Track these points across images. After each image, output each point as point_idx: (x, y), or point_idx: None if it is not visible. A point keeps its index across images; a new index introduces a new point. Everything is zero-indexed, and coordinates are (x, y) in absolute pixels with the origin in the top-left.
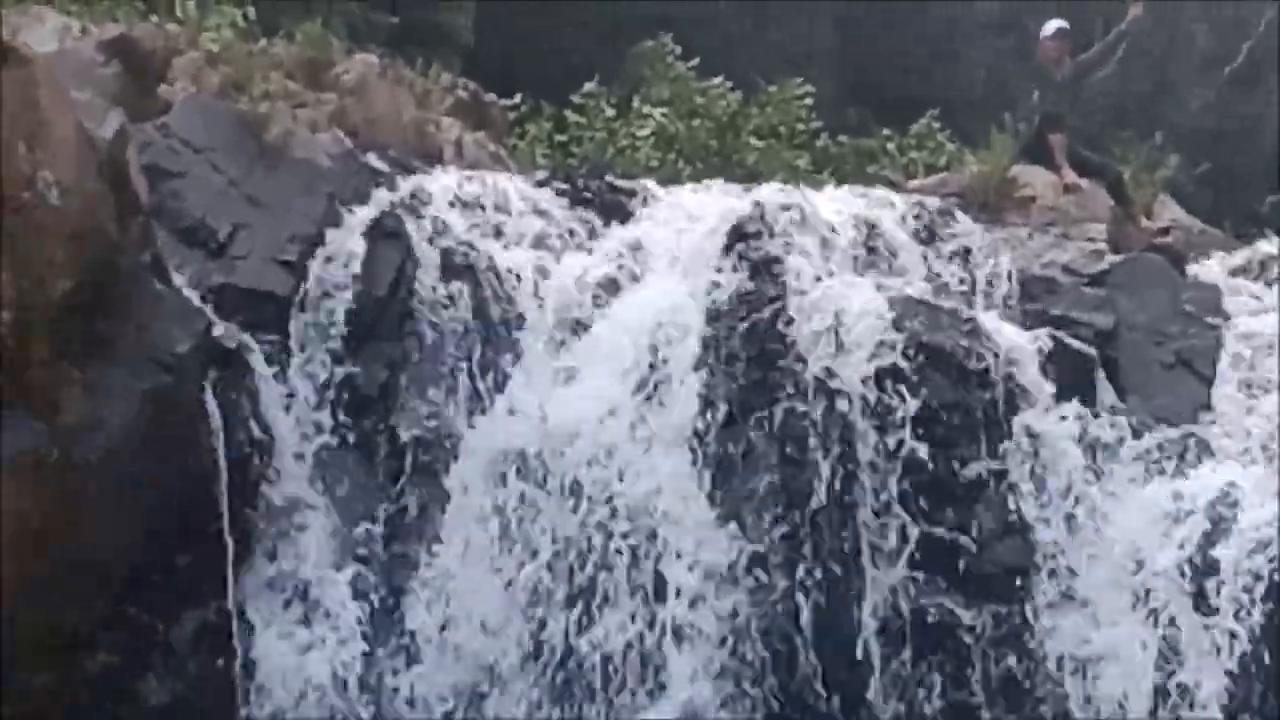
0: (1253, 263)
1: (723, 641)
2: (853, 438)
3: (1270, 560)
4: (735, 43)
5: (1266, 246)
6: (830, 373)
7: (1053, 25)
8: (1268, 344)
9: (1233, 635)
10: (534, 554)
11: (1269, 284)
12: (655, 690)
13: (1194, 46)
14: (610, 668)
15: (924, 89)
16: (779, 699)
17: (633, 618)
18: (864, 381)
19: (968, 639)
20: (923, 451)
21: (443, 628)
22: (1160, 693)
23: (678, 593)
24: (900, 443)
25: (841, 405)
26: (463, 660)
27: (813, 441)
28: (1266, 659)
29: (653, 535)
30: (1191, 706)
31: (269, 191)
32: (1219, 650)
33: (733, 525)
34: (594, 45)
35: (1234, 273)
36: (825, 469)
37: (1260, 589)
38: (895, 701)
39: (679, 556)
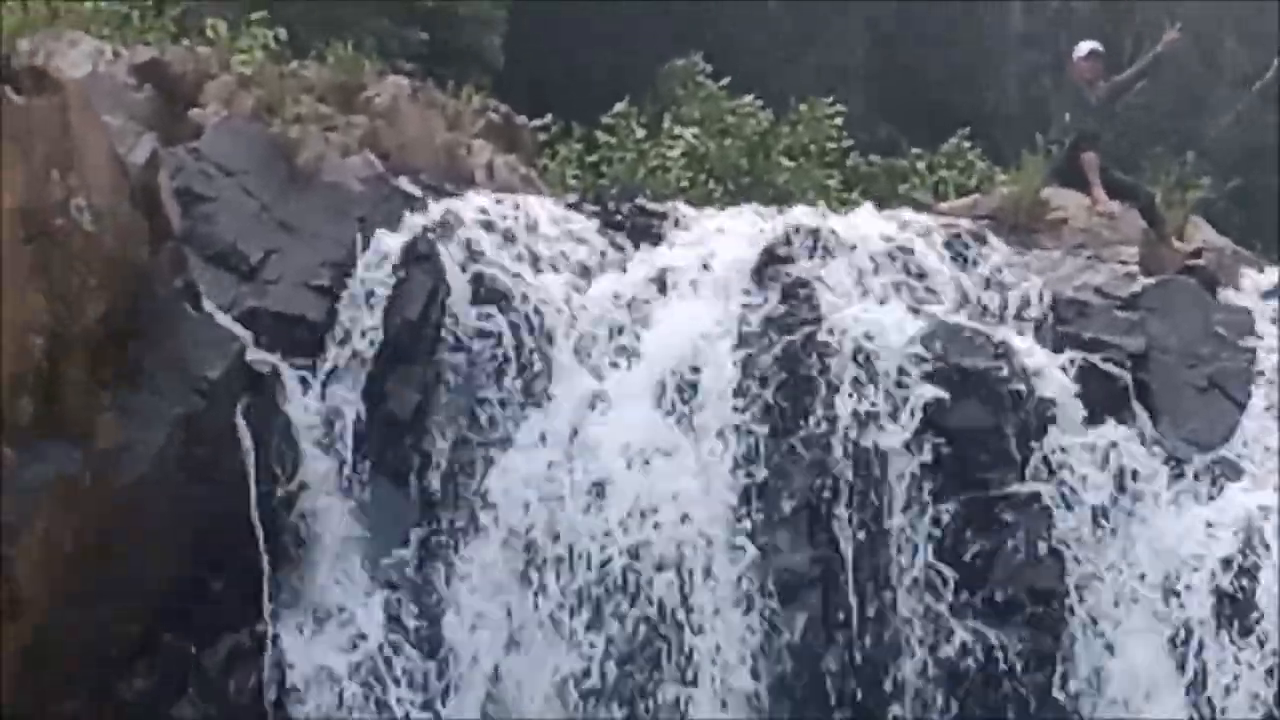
0: None
1: (755, 663)
2: (884, 461)
3: None
4: (767, 62)
5: None
6: (862, 396)
7: (1086, 46)
8: None
9: (1265, 662)
10: (561, 578)
11: None
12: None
13: (1225, 63)
14: (640, 683)
15: (956, 107)
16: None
17: (661, 641)
18: (895, 405)
19: (1000, 662)
20: (954, 474)
21: (474, 654)
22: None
23: (705, 614)
24: (932, 465)
25: (872, 429)
26: (499, 682)
27: (843, 465)
28: None
29: (682, 558)
30: None
31: (301, 216)
32: (1251, 675)
33: (764, 547)
34: (624, 65)
35: (1266, 295)
36: (856, 492)
37: None
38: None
39: (709, 578)
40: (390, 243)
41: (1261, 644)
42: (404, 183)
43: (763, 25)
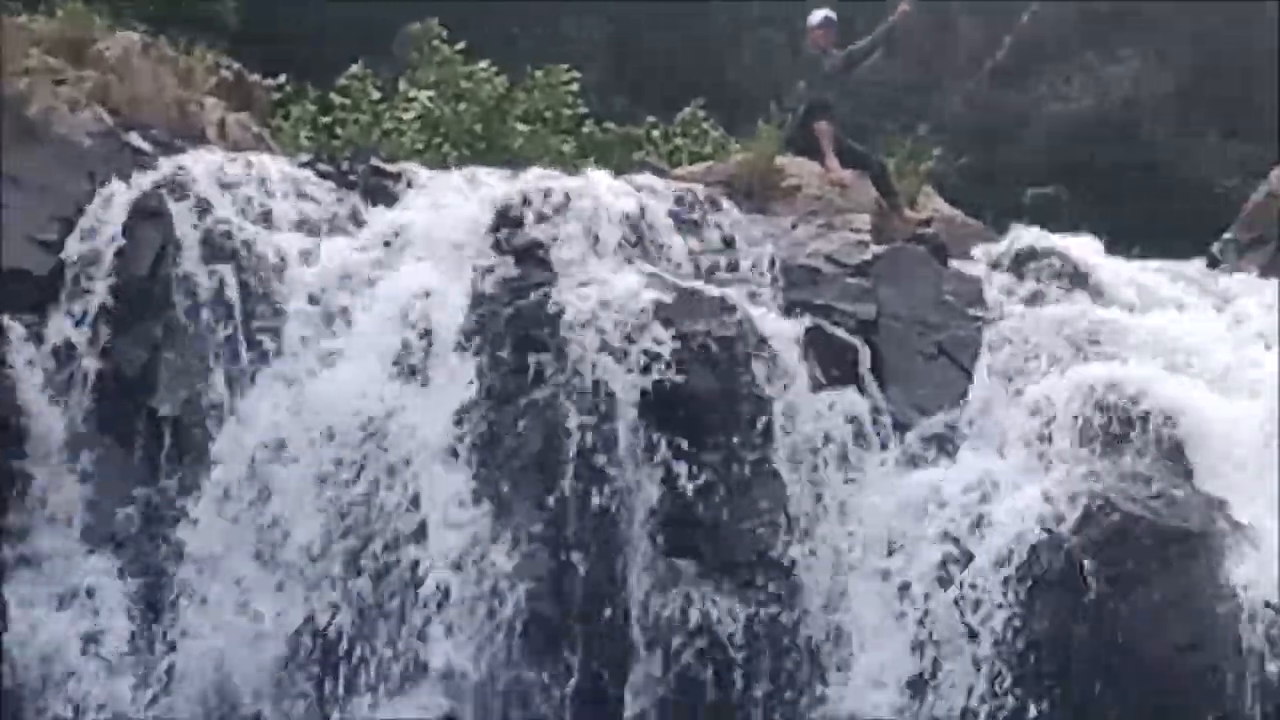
0: (1007, 254)
1: (487, 614)
2: (615, 422)
3: (1025, 550)
4: (506, 29)
5: (1026, 237)
6: (594, 360)
7: (819, 14)
8: (1028, 334)
9: (987, 623)
10: (290, 534)
11: (1023, 276)
12: (416, 663)
13: (960, 39)
14: (372, 641)
15: (693, 78)
16: (543, 673)
17: (394, 594)
18: (627, 367)
19: (729, 626)
20: (686, 438)
21: (203, 609)
22: (915, 682)
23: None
24: (661, 427)
25: (604, 391)
26: (225, 641)
27: (575, 425)
28: (1020, 646)
29: (414, 515)
30: (942, 695)
31: (28, 170)
32: (973, 638)
33: (495, 504)
34: (363, 28)
35: (994, 264)
36: (586, 453)
37: (1014, 579)
38: (657, 685)
39: (440, 544)
40: (119, 198)
41: (988, 607)
42: (134, 138)
43: None
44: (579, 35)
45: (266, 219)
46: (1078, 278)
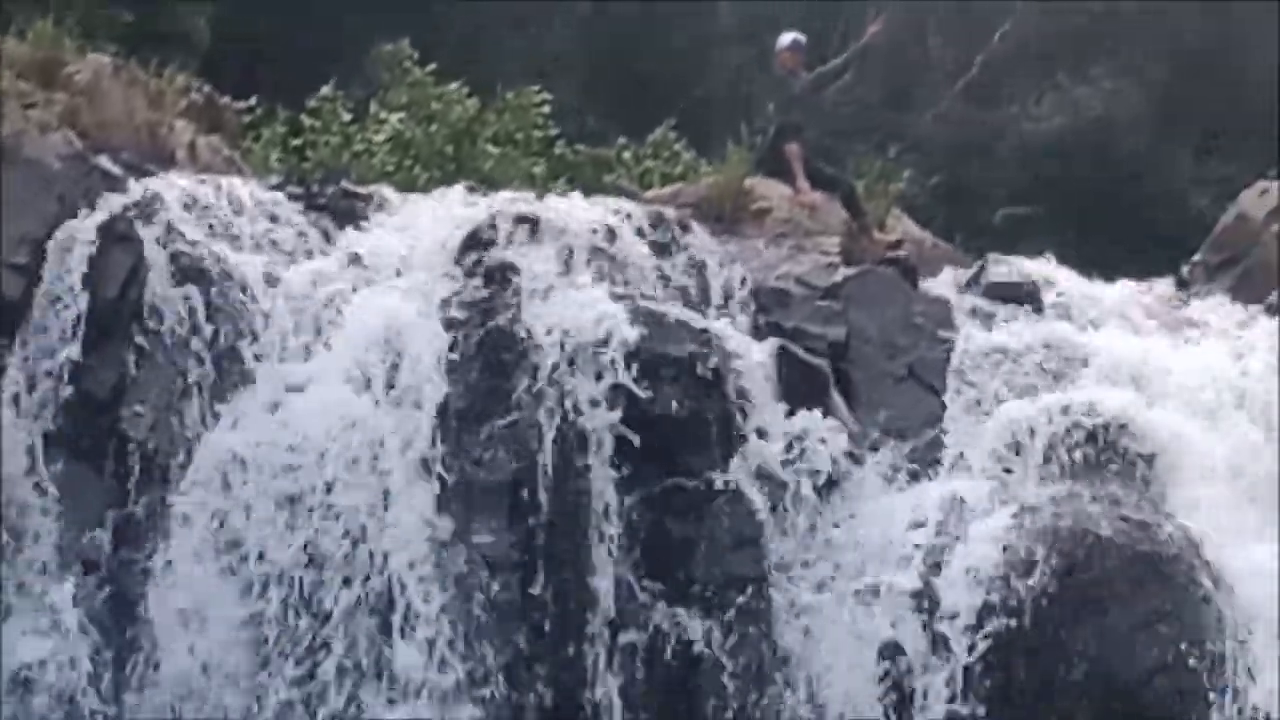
0: (977, 277)
1: (452, 643)
2: (585, 445)
3: (995, 571)
4: (477, 50)
5: (996, 260)
6: (563, 382)
7: (789, 37)
8: (996, 358)
9: (958, 645)
10: (261, 558)
11: (993, 299)
12: (388, 689)
13: (931, 60)
14: (344, 664)
15: (664, 99)
16: (510, 701)
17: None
18: (596, 390)
19: (699, 649)
20: (655, 460)
21: (173, 629)
22: (885, 703)
23: (408, 597)
24: (633, 452)
25: (573, 414)
26: (196, 664)
27: (544, 450)
28: (991, 668)
29: (384, 536)
30: (919, 708)
31: None
32: (944, 659)
33: (465, 526)
34: (333, 50)
35: (964, 287)
36: (557, 477)
37: (984, 600)
38: (628, 707)
39: (411, 567)
40: (89, 221)
41: (962, 626)
42: (104, 161)
43: (473, 13)
44: (555, 52)
45: (236, 241)
46: (1047, 300)
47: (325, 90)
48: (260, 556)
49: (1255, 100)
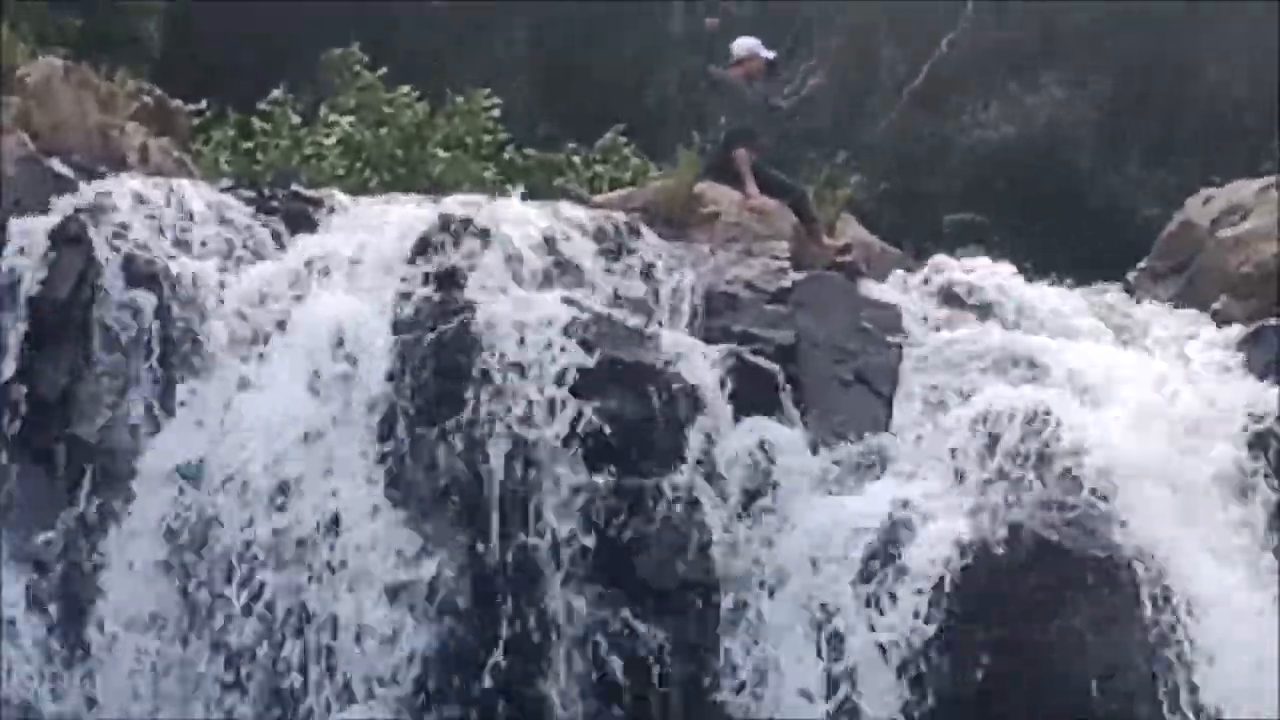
0: (925, 281)
1: (408, 639)
2: (535, 451)
3: (943, 575)
4: (429, 55)
5: (944, 264)
6: (513, 386)
7: (745, 44)
8: (943, 362)
9: (906, 648)
10: (211, 559)
11: (940, 303)
12: (342, 694)
13: (883, 68)
14: (295, 671)
15: (616, 105)
16: (464, 702)
17: (315, 620)
18: (546, 395)
19: (647, 653)
20: (604, 465)
21: (121, 636)
22: (834, 706)
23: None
24: (583, 456)
25: (523, 419)
26: (144, 668)
27: (495, 453)
28: (940, 671)
29: (334, 541)
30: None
31: None
32: (891, 664)
33: (416, 530)
34: (285, 53)
35: (912, 291)
36: (507, 482)
37: (932, 603)
38: (579, 711)
39: (361, 561)
40: (40, 223)
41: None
42: (55, 164)
43: (424, 17)
44: (505, 57)
45: (187, 245)
46: (994, 305)
47: (276, 94)
48: (210, 558)
49: (1204, 109)
